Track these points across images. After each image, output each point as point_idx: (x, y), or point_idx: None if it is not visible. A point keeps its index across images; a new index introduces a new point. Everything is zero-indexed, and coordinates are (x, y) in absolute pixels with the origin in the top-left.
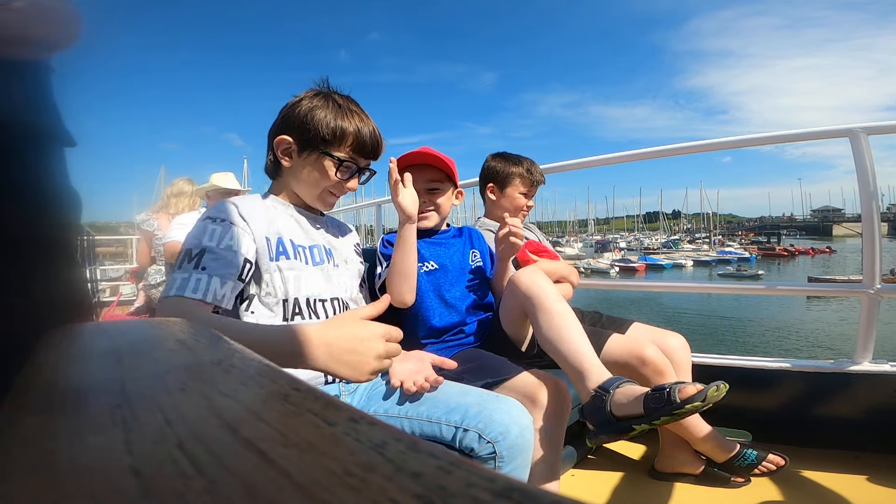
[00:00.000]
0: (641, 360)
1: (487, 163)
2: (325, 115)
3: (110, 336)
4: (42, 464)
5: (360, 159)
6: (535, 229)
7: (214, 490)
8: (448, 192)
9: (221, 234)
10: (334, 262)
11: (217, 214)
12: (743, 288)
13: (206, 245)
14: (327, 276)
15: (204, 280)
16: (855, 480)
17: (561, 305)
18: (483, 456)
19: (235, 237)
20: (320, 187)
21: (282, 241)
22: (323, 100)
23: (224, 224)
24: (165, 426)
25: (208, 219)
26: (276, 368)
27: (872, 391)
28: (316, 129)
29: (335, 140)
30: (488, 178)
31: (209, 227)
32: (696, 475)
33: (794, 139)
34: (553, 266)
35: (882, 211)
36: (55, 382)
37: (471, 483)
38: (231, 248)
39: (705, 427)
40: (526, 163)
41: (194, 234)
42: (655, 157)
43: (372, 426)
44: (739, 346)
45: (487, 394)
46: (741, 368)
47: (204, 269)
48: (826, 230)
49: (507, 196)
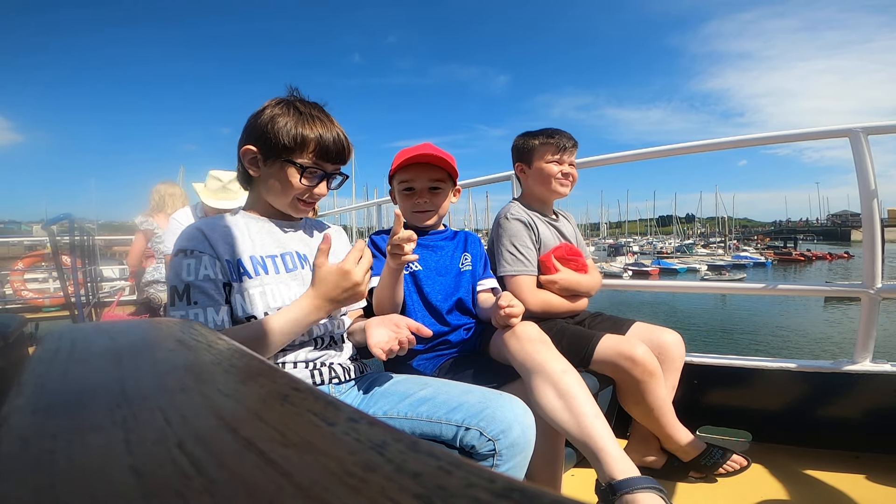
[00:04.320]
0: (632, 360)
1: (513, 144)
2: (285, 123)
3: (110, 336)
4: (42, 464)
5: (325, 164)
6: (572, 219)
7: (214, 490)
8: (448, 192)
9: (196, 266)
10: (311, 267)
11: (187, 245)
12: (743, 288)
13: (188, 280)
14: (302, 281)
15: (201, 314)
16: (855, 480)
17: (570, 381)
18: (483, 453)
19: (209, 266)
20: (288, 195)
21: (241, 263)
22: (284, 108)
23: (195, 255)
24: (165, 426)
25: (181, 252)
26: (276, 368)
27: (872, 391)
28: (277, 138)
29: (297, 147)
30: (515, 158)
31: (184, 263)
32: (657, 469)
33: (794, 139)
34: (576, 281)
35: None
36: (55, 382)
37: (471, 483)
38: (209, 277)
39: (679, 427)
40: (548, 130)
41: (174, 272)
42: (656, 156)
43: (372, 426)
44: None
45: (490, 391)
46: (741, 368)
47: (196, 303)
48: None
49: (536, 170)
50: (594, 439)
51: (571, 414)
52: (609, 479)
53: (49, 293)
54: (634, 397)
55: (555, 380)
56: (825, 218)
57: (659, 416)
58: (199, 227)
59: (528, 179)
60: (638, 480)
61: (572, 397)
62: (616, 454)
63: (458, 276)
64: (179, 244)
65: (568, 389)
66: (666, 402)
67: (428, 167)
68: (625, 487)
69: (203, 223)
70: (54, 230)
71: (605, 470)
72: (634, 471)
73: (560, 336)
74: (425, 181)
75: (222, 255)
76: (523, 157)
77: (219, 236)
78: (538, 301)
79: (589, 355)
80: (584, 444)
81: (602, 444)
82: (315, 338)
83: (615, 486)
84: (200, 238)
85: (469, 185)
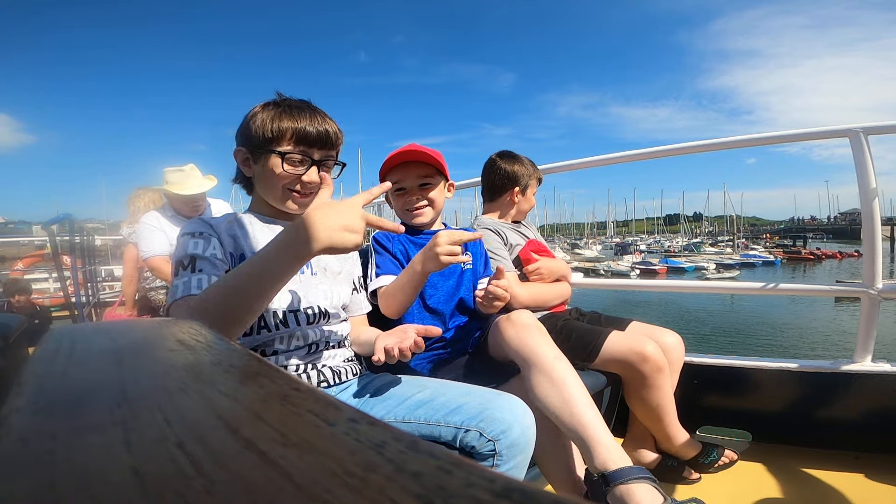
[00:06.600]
0: (643, 356)
1: (506, 166)
2: (264, 118)
3: (110, 336)
4: (42, 464)
5: (309, 151)
6: (532, 226)
7: (214, 490)
8: (440, 186)
9: (204, 245)
10: (312, 270)
11: (195, 229)
12: (745, 287)
13: (194, 253)
14: (301, 285)
15: (204, 279)
16: (854, 479)
17: (562, 368)
18: (483, 453)
19: (216, 247)
20: (277, 186)
21: (245, 259)
22: (265, 106)
23: (203, 237)
24: (165, 426)
25: (187, 234)
26: (275, 368)
27: (872, 391)
28: (259, 132)
29: (276, 137)
30: (512, 181)
31: (191, 241)
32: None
33: (794, 139)
34: (555, 265)
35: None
36: (55, 382)
37: (471, 483)
38: (216, 255)
39: (679, 426)
40: (533, 165)
41: (180, 249)
42: (660, 156)
43: (372, 426)
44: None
45: (490, 392)
46: (741, 368)
47: (200, 270)
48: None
49: (527, 198)
50: (585, 427)
51: (563, 401)
52: (602, 469)
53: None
54: (640, 393)
55: (547, 367)
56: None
57: (662, 413)
58: (206, 220)
59: (519, 204)
60: (631, 470)
61: (564, 384)
62: (608, 443)
63: (460, 276)
64: (186, 230)
65: (560, 377)
66: (671, 399)
67: (415, 165)
68: (618, 478)
69: (207, 219)
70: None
71: (598, 459)
72: (627, 461)
73: (567, 333)
74: (414, 179)
75: (227, 246)
76: (521, 183)
77: (224, 230)
78: (527, 292)
79: (596, 350)
80: (574, 432)
81: (593, 433)
82: (309, 343)
83: (608, 477)
84: (209, 228)
85: (474, 184)
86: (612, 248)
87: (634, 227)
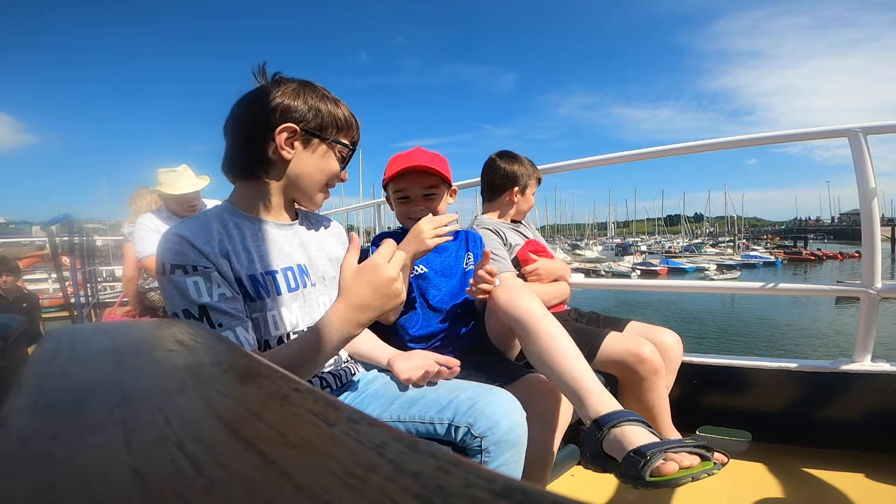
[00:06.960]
0: (639, 358)
1: (506, 166)
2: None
3: (110, 336)
4: (42, 464)
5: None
6: (532, 226)
7: (214, 490)
8: (444, 195)
9: (206, 284)
10: (311, 282)
11: (181, 262)
12: (745, 287)
13: (202, 302)
14: (303, 301)
15: (232, 337)
16: (854, 479)
17: (549, 323)
18: (473, 448)
19: (220, 282)
20: (322, 179)
21: (242, 283)
22: (312, 89)
23: (199, 272)
24: (165, 426)
25: (178, 269)
26: (275, 368)
27: (872, 391)
28: (327, 118)
29: (342, 128)
30: (511, 181)
31: (187, 282)
32: None
33: (793, 139)
34: (553, 266)
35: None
36: (55, 382)
37: (470, 483)
38: (224, 295)
39: (672, 430)
40: (532, 165)
41: (180, 296)
42: (660, 156)
43: (372, 427)
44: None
45: (481, 387)
46: (741, 368)
47: (220, 326)
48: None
49: (527, 198)
50: (576, 379)
51: (552, 354)
52: (593, 415)
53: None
54: (636, 394)
55: (536, 323)
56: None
57: (656, 414)
58: (187, 237)
59: (518, 204)
60: (622, 413)
61: (552, 338)
62: (598, 392)
63: (462, 276)
64: (173, 261)
65: (547, 331)
66: (665, 400)
67: (420, 175)
68: (611, 420)
69: (188, 237)
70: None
71: (590, 408)
72: (617, 405)
73: None
74: (419, 189)
75: (225, 270)
76: (521, 183)
77: (216, 251)
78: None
79: (594, 351)
80: (565, 384)
81: (583, 383)
82: None
83: (600, 422)
84: (194, 253)
85: (473, 184)
86: (613, 248)
87: (635, 227)
